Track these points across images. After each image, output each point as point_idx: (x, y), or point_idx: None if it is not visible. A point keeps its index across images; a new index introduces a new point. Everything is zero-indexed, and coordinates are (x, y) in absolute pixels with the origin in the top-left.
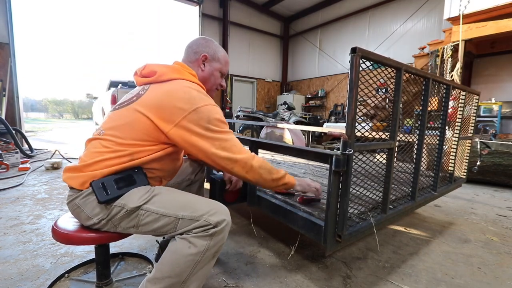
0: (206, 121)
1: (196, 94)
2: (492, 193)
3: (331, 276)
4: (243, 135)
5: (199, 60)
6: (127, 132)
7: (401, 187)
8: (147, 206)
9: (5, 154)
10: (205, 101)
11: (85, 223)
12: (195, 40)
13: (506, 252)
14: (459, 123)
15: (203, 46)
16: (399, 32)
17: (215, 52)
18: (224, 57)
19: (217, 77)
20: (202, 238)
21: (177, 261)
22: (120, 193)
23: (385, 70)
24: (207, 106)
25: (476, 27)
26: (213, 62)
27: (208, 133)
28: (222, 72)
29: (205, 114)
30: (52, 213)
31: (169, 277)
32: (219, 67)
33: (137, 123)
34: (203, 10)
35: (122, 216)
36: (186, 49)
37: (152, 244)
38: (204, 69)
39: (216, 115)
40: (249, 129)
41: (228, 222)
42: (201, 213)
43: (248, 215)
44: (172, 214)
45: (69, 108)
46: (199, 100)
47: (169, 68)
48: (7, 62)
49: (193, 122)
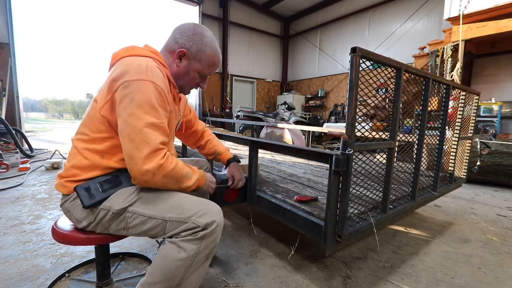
0: (129, 99)
1: (135, 67)
2: (492, 193)
3: (331, 276)
4: (243, 135)
5: (176, 53)
6: (88, 126)
7: (401, 187)
8: (133, 208)
9: (5, 154)
10: (141, 75)
11: (77, 226)
12: (184, 27)
13: (506, 252)
14: (459, 123)
15: (187, 39)
16: (399, 32)
17: (200, 50)
18: (210, 57)
19: (194, 77)
20: (191, 242)
21: (167, 266)
22: (105, 195)
23: (385, 70)
24: (140, 81)
25: (476, 27)
26: (192, 61)
27: (123, 113)
28: (203, 74)
29: (132, 90)
30: (52, 213)
31: (161, 282)
32: (198, 68)
33: (92, 113)
34: (203, 10)
35: (110, 219)
36: (171, 32)
37: (152, 244)
38: (179, 65)
39: (145, 95)
40: (249, 129)
41: (219, 223)
42: (189, 214)
43: (248, 215)
44: (159, 216)
45: (69, 108)
46: (133, 73)
47: (123, 49)
48: (7, 62)
49: (118, 97)
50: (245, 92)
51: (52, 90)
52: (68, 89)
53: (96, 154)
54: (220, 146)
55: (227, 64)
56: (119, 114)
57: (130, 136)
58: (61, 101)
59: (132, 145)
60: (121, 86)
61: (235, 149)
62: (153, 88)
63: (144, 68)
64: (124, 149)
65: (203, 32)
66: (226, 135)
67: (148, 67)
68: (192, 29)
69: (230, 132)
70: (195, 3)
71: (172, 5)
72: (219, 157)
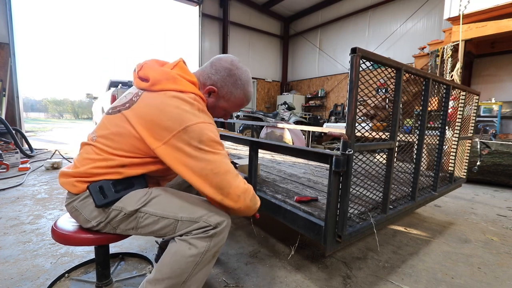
0: (197, 141)
1: (189, 109)
2: (492, 193)
3: (331, 276)
4: (243, 135)
5: (206, 88)
6: (117, 142)
7: (401, 187)
8: (145, 209)
9: (5, 154)
10: (198, 119)
11: (84, 226)
12: (221, 64)
13: (506, 252)
14: (459, 123)
15: (221, 78)
16: (399, 32)
17: (230, 92)
18: (239, 100)
19: (219, 112)
20: (202, 239)
21: (178, 262)
22: (118, 196)
23: (385, 70)
24: (199, 124)
25: (476, 27)
26: (220, 100)
27: (198, 154)
28: (228, 111)
29: (196, 134)
30: (52, 213)
31: (169, 278)
32: (225, 106)
33: (127, 135)
34: (203, 10)
35: (121, 219)
36: (210, 61)
37: (152, 244)
38: (207, 100)
39: (210, 134)
40: (249, 129)
41: (228, 222)
42: (200, 214)
43: None
44: (171, 216)
45: (69, 108)
46: (191, 117)
47: (163, 76)
48: (7, 62)
49: (182, 142)
50: None
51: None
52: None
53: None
54: None
55: None
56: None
57: (214, 171)
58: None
59: (218, 178)
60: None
61: (235, 149)
62: (212, 127)
63: (197, 112)
64: (211, 184)
65: (238, 75)
66: (226, 135)
67: (200, 111)
68: (228, 70)
69: (230, 132)
70: (195, 3)
71: (172, 5)
72: None
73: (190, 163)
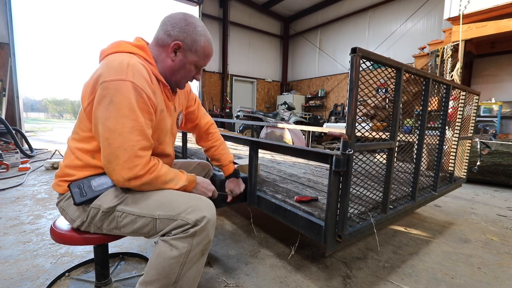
0: (108, 101)
1: (116, 65)
2: (492, 193)
3: (331, 276)
4: (243, 135)
5: (170, 46)
6: (78, 125)
7: (401, 187)
8: (121, 207)
9: (5, 154)
10: (119, 75)
11: (72, 225)
12: (174, 17)
13: (506, 252)
14: (459, 123)
15: (180, 30)
16: (399, 32)
17: (194, 41)
18: (205, 48)
19: (190, 70)
20: (182, 239)
21: (161, 264)
22: (97, 193)
23: (385, 70)
24: (117, 82)
25: (476, 27)
26: (188, 53)
27: (104, 114)
28: (198, 65)
29: (110, 91)
30: (52, 213)
31: (158, 280)
32: (194, 60)
33: (81, 111)
34: (203, 10)
35: (100, 218)
36: (160, 25)
37: (152, 244)
38: (175, 59)
39: (125, 96)
40: (249, 129)
41: (210, 218)
42: (179, 211)
43: (248, 215)
44: (148, 214)
45: (69, 108)
46: (113, 72)
47: (109, 45)
48: (7, 62)
49: (97, 99)
50: (245, 92)
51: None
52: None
53: (87, 154)
54: (224, 156)
55: (227, 64)
56: (97, 116)
57: (108, 141)
58: (61, 101)
59: (109, 149)
60: (100, 86)
61: (235, 149)
62: (133, 89)
63: (124, 67)
64: (102, 153)
65: (195, 22)
66: (226, 135)
67: (129, 66)
68: (184, 19)
69: (230, 132)
70: (195, 3)
71: (172, 5)
72: (220, 167)
73: (97, 124)
